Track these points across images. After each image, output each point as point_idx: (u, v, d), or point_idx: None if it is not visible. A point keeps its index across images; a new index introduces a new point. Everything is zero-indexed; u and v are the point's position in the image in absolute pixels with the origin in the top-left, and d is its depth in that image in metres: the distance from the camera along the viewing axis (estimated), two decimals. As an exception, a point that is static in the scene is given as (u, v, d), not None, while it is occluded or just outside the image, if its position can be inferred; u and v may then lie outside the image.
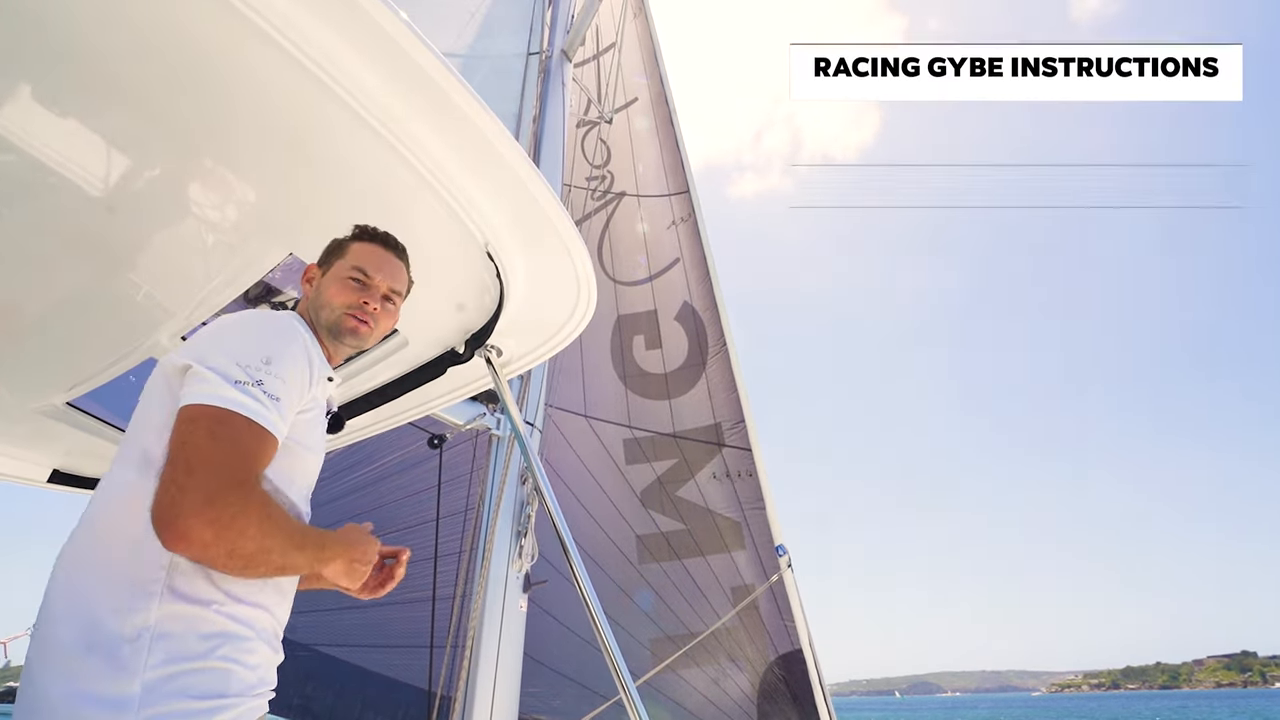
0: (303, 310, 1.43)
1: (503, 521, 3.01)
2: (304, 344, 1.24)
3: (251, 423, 1.08)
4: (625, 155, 6.29)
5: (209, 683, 1.03)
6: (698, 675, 5.05)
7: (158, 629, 1.01)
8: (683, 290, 5.85)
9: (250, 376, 1.11)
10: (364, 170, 1.52)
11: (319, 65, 1.27)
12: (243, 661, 1.08)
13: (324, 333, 1.39)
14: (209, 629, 1.05)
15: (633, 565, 5.29)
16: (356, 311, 1.38)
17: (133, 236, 1.75)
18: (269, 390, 1.12)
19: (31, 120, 1.38)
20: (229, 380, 1.09)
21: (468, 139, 1.45)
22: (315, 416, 1.28)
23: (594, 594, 1.88)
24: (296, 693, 4.34)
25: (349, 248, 1.44)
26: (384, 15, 1.20)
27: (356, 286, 1.40)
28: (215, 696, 1.02)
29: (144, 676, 0.98)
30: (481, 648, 2.82)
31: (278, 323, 1.25)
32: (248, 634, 1.10)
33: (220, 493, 1.01)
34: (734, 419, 5.51)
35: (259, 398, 1.10)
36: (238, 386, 1.09)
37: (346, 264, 1.41)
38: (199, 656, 1.03)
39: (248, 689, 1.08)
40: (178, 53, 1.26)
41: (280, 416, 1.13)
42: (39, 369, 2.22)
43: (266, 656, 1.15)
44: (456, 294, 1.86)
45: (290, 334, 1.23)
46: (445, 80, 1.32)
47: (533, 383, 3.46)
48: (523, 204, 1.60)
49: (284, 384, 1.14)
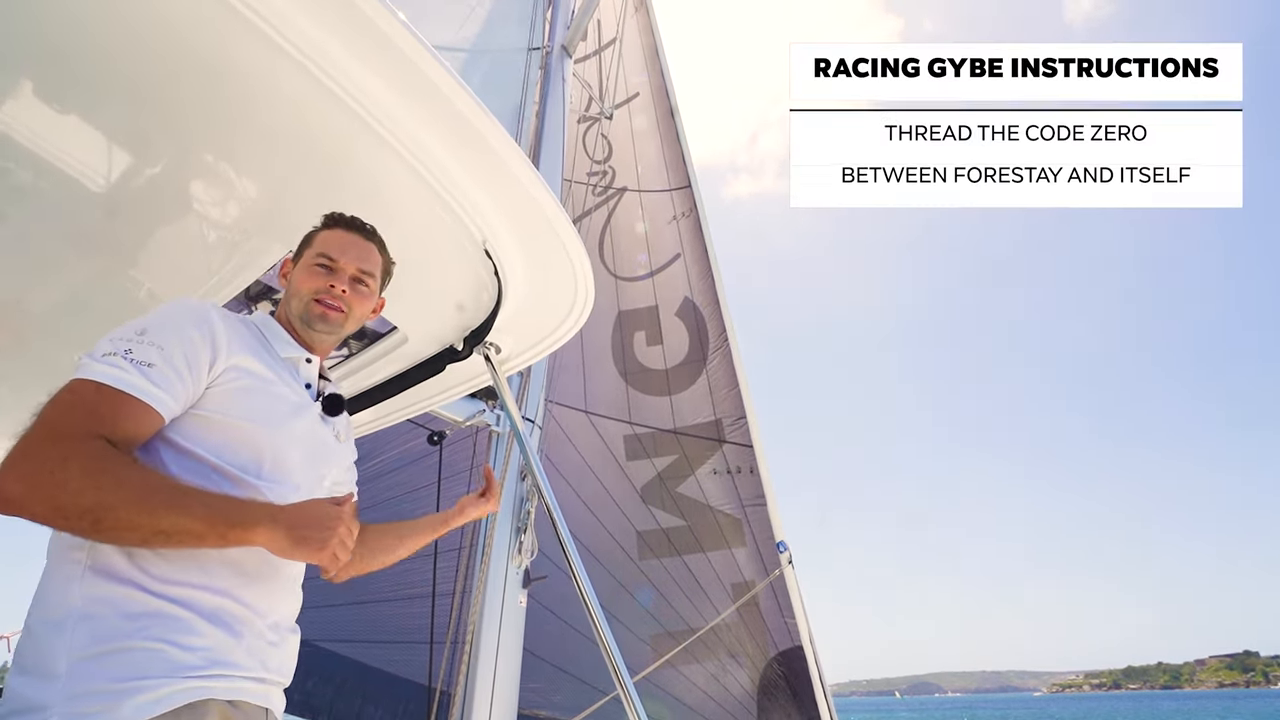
0: (281, 304, 1.43)
1: (502, 518, 3.02)
2: (204, 319, 1.20)
3: (101, 386, 1.06)
4: (627, 150, 6.28)
5: (130, 663, 1.01)
6: (698, 671, 5.07)
7: (82, 610, 1.02)
8: (684, 285, 5.85)
9: (117, 349, 1.10)
10: (362, 169, 1.53)
11: (318, 66, 1.28)
12: (177, 642, 1.05)
13: (297, 322, 1.38)
14: (135, 609, 1.04)
15: (633, 561, 5.29)
16: (324, 296, 1.37)
17: (135, 233, 1.75)
18: (136, 357, 1.10)
19: (34, 120, 1.39)
20: (94, 356, 1.09)
21: (465, 138, 1.46)
22: (245, 388, 1.22)
23: (592, 590, 1.88)
24: (296, 688, 4.33)
25: (316, 236, 1.43)
26: (381, 15, 1.20)
27: (323, 272, 1.38)
28: (136, 678, 1.00)
29: (68, 657, 0.99)
30: (481, 643, 2.83)
31: (172, 304, 1.23)
32: (183, 614, 1.07)
33: (35, 445, 1.00)
34: (735, 414, 5.51)
35: (117, 364, 1.08)
36: (101, 359, 1.08)
37: (313, 251, 1.40)
38: (124, 636, 1.02)
39: (179, 669, 1.04)
40: (178, 54, 1.27)
41: (150, 381, 1.09)
42: (42, 367, 2.24)
43: (217, 639, 1.11)
44: (455, 291, 1.87)
45: (183, 311, 1.21)
46: (443, 80, 1.33)
47: (533, 379, 3.47)
48: (520, 202, 1.60)
49: (159, 350, 1.12)
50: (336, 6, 1.20)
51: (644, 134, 6.25)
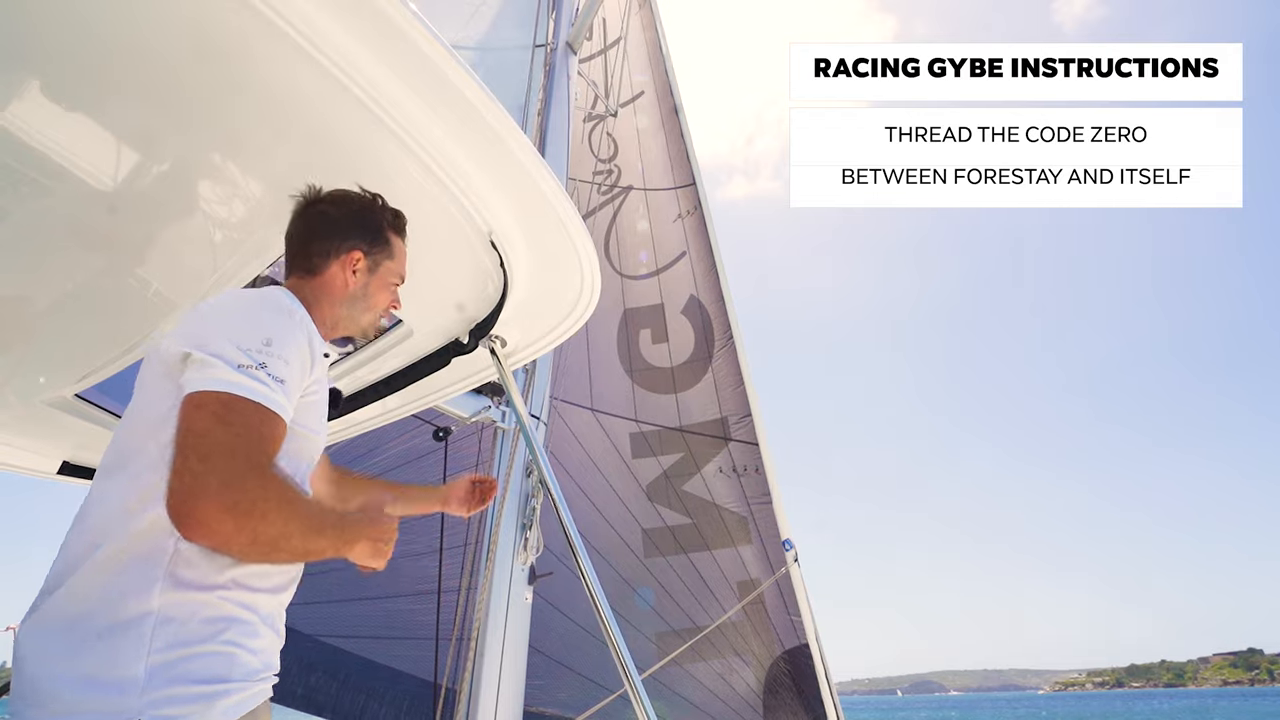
0: (331, 292, 1.38)
1: (508, 514, 3.01)
2: (303, 323, 1.22)
3: (260, 406, 1.06)
4: (632, 149, 6.28)
5: (213, 667, 1.02)
6: (704, 670, 5.06)
7: (161, 614, 1.00)
8: (689, 284, 5.84)
9: (253, 360, 1.09)
10: (370, 160, 1.52)
11: (327, 56, 1.27)
12: (246, 646, 1.08)
13: (354, 329, 1.41)
14: (213, 613, 1.05)
15: (638, 559, 5.29)
16: (388, 312, 1.42)
17: (140, 228, 1.75)
18: (273, 373, 1.10)
19: (38, 116, 1.38)
20: (232, 365, 1.07)
21: (474, 129, 1.44)
22: (319, 399, 1.27)
23: (599, 587, 1.87)
24: (300, 683, 4.36)
25: (394, 246, 1.43)
26: (393, 6, 1.20)
27: (395, 289, 1.43)
28: (219, 681, 1.02)
29: (148, 660, 0.97)
30: (487, 640, 2.83)
31: (273, 302, 1.22)
32: (251, 618, 1.10)
33: (238, 478, 0.99)
34: (741, 413, 5.50)
35: (265, 380, 1.08)
36: (241, 370, 1.07)
37: (395, 267, 1.42)
38: (203, 640, 1.03)
39: (251, 674, 1.08)
40: (186, 46, 1.26)
41: (286, 399, 1.11)
42: (48, 362, 2.23)
43: (270, 641, 1.15)
44: (461, 283, 1.86)
45: (287, 314, 1.21)
46: (453, 71, 1.31)
47: (538, 376, 3.46)
48: (528, 194, 1.59)
49: (287, 365, 1.13)
50: None
51: (649, 132, 6.24)
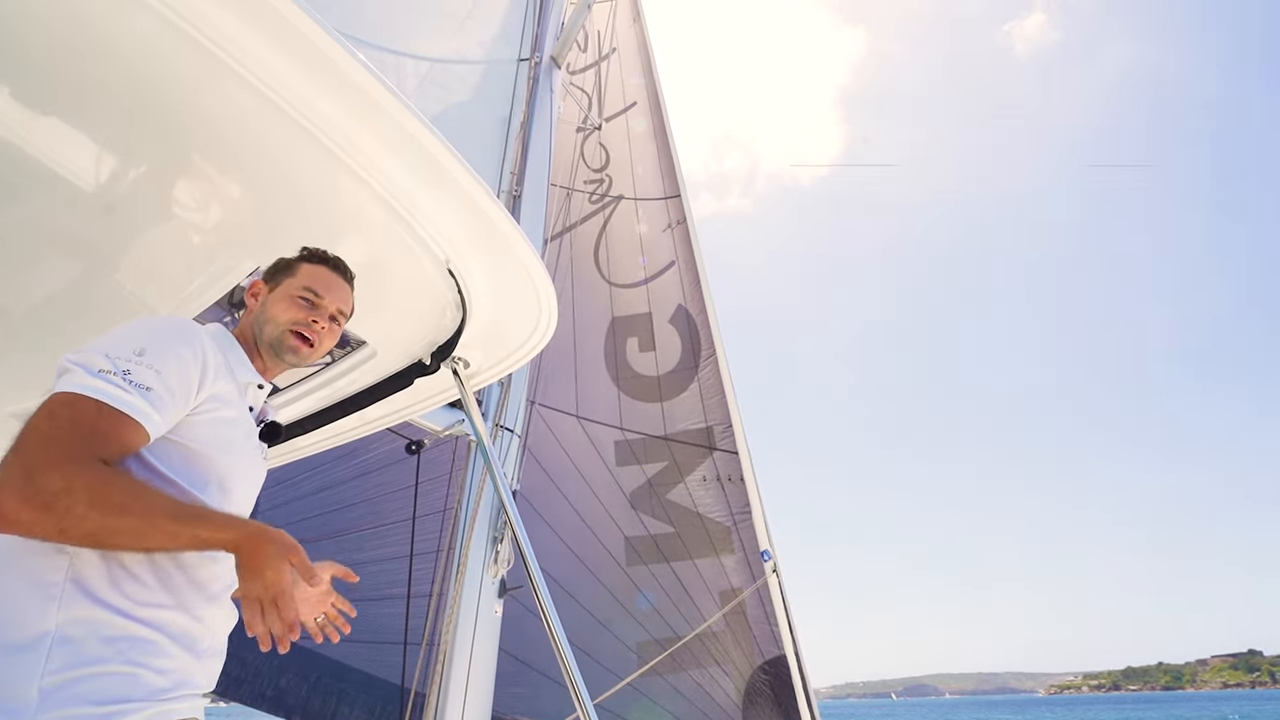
0: (245, 324, 1.43)
1: (479, 527, 3.04)
2: (198, 344, 1.22)
3: (102, 405, 1.05)
4: (624, 159, 6.30)
5: (110, 688, 1.01)
6: (684, 679, 5.07)
7: (59, 634, 1.01)
8: (678, 293, 5.86)
9: (115, 367, 1.09)
10: (330, 192, 1.59)
11: (284, 99, 1.35)
12: (150, 666, 1.07)
13: (264, 348, 1.40)
14: (112, 632, 1.04)
15: (620, 567, 5.30)
16: (303, 328, 1.40)
17: (116, 238, 1.79)
18: (135, 379, 1.09)
19: (16, 123, 1.43)
20: (90, 371, 1.08)
21: (424, 166, 1.52)
22: (220, 419, 1.25)
23: (554, 610, 1.91)
24: (270, 684, 4.35)
25: (300, 268, 1.45)
26: (343, 58, 1.28)
27: (305, 305, 1.41)
28: (118, 701, 1.01)
29: (41, 682, 0.97)
30: (455, 651, 2.86)
31: (167, 323, 1.24)
32: (154, 637, 1.09)
33: (41, 469, 0.98)
34: (726, 422, 5.52)
35: (119, 384, 1.07)
36: (99, 375, 1.07)
37: (297, 283, 1.43)
38: (102, 660, 1.02)
39: (155, 693, 1.07)
40: (154, 75, 1.33)
41: (149, 404, 1.10)
42: (22, 372, 2.26)
43: (182, 661, 1.13)
44: (421, 309, 1.90)
45: (178, 333, 1.21)
46: (400, 113, 1.39)
47: (514, 386, 3.49)
48: (479, 227, 1.64)
49: (157, 375, 1.12)
50: (300, 47, 1.26)
51: (640, 142, 6.27)
